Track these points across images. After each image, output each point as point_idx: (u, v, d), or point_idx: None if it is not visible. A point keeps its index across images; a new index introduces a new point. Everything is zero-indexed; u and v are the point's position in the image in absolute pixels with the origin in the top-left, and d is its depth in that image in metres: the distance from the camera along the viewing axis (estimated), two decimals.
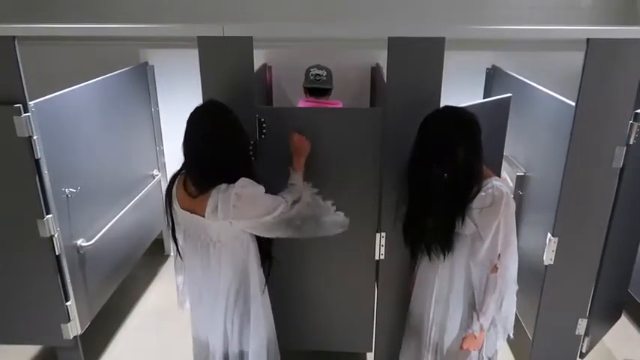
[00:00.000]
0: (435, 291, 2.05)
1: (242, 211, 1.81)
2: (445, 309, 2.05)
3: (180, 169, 1.94)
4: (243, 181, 1.81)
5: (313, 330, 2.59)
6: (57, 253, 2.41)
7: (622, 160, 2.16)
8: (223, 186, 1.80)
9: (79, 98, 2.63)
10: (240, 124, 1.87)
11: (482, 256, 1.89)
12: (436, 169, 1.83)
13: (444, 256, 1.95)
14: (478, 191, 1.85)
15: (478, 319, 1.95)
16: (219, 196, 1.79)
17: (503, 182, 1.88)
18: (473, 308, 1.98)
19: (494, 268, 1.89)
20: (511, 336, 2.12)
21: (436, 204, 1.89)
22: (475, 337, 1.99)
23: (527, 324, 2.66)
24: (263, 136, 2.21)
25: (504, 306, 1.99)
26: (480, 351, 2.07)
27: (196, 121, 1.83)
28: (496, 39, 3.23)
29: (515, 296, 2.05)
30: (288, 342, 2.60)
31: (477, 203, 1.84)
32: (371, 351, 2.60)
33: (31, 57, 2.43)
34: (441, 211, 1.89)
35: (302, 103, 3.17)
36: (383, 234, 2.31)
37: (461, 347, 2.04)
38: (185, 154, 1.86)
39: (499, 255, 1.88)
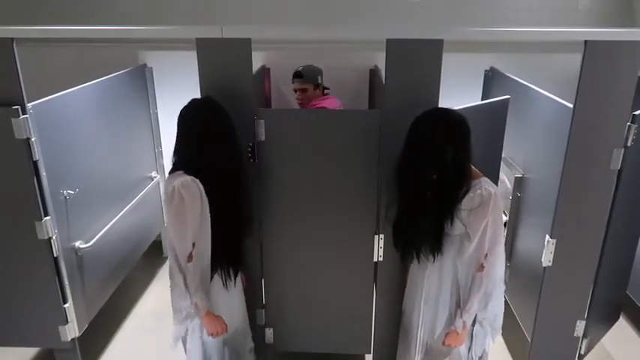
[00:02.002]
0: (424, 291, 2.08)
1: (165, 205, 1.91)
2: (434, 309, 2.07)
3: None
4: (191, 183, 1.84)
5: (312, 332, 2.58)
6: (55, 255, 2.41)
7: (620, 162, 2.17)
8: (178, 172, 1.88)
9: (78, 100, 2.63)
10: (224, 125, 1.93)
11: (470, 255, 1.93)
12: (425, 170, 1.85)
13: (434, 257, 1.97)
14: (467, 192, 1.86)
15: (461, 316, 1.99)
16: (170, 178, 1.90)
17: (490, 183, 1.89)
18: (458, 306, 2.01)
19: (481, 267, 1.92)
20: (498, 336, 2.15)
21: (425, 205, 1.91)
22: (457, 333, 2.01)
23: (525, 326, 2.66)
24: (262, 139, 2.21)
25: (492, 305, 2.02)
26: (469, 350, 2.08)
27: (184, 113, 1.93)
28: (494, 41, 3.23)
29: (503, 296, 2.08)
30: (286, 344, 2.60)
31: (465, 204, 1.86)
32: (369, 353, 2.59)
33: (30, 59, 2.43)
34: (431, 212, 1.91)
35: (331, 102, 3.19)
36: (381, 235, 2.31)
37: (443, 343, 2.06)
38: None
39: (486, 254, 1.90)
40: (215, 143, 1.91)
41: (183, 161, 1.92)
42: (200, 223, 1.90)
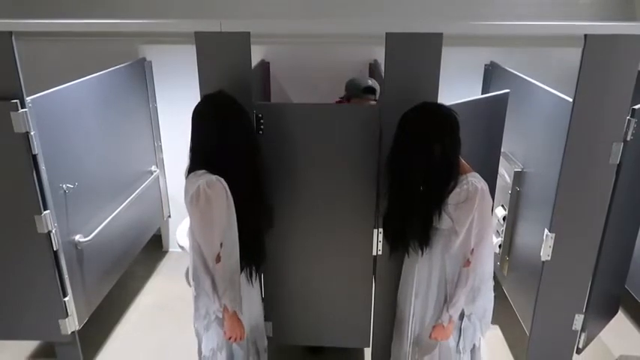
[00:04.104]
0: (415, 284, 2.09)
1: (190, 206, 1.82)
2: (424, 302, 2.09)
3: None
4: (216, 182, 1.79)
5: (311, 325, 2.59)
6: (55, 249, 2.41)
7: (619, 156, 2.17)
8: (201, 172, 1.83)
9: (77, 94, 2.63)
10: (244, 120, 1.89)
11: (456, 249, 1.94)
12: (414, 166, 1.85)
13: (422, 251, 1.99)
14: (455, 187, 1.86)
15: (447, 310, 2.00)
16: (191, 178, 1.84)
17: (478, 178, 1.89)
18: (446, 300, 2.03)
19: (467, 262, 1.93)
20: (488, 331, 2.16)
21: (414, 200, 1.91)
22: (443, 327, 2.03)
23: (524, 319, 2.67)
24: (260, 132, 2.21)
25: (480, 301, 2.03)
26: (457, 344, 2.09)
27: (200, 108, 1.88)
28: (494, 35, 3.22)
29: (492, 291, 2.09)
30: (285, 337, 2.61)
31: (452, 199, 1.87)
32: (368, 346, 2.60)
33: (29, 52, 2.43)
34: (419, 206, 1.92)
35: None
36: (380, 230, 2.31)
37: (430, 336, 2.08)
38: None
39: (472, 249, 1.91)
40: (236, 139, 1.86)
41: (203, 159, 1.86)
42: (227, 222, 1.85)
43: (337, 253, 2.42)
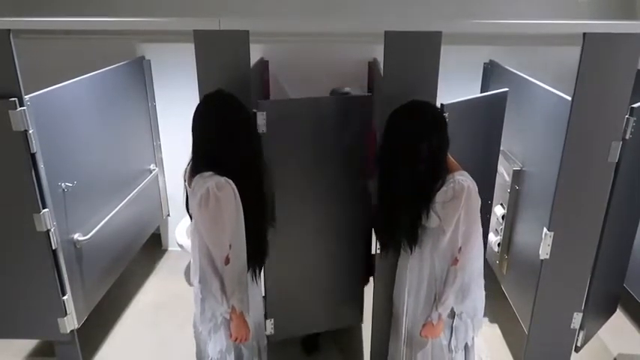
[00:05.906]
0: (408, 282, 2.10)
1: (199, 208, 1.79)
2: (416, 300, 2.10)
3: None
4: (225, 184, 1.78)
5: (309, 315, 2.64)
6: (53, 248, 2.41)
7: (618, 155, 2.17)
8: (208, 173, 1.80)
9: (76, 92, 2.62)
10: (245, 118, 1.88)
11: (444, 248, 1.94)
12: (402, 164, 1.85)
13: (411, 249, 1.99)
14: (442, 185, 1.87)
15: (437, 308, 2.01)
16: (198, 180, 1.81)
17: (465, 176, 1.89)
18: (436, 298, 2.03)
19: (455, 261, 1.93)
20: (480, 330, 2.17)
21: (402, 198, 1.92)
22: (433, 325, 2.04)
23: (522, 317, 2.67)
24: (263, 131, 2.20)
25: (471, 299, 2.03)
26: (449, 343, 2.10)
27: (201, 108, 1.86)
28: (493, 33, 3.22)
29: (483, 289, 2.09)
30: (285, 332, 2.62)
31: (439, 197, 1.87)
32: (362, 322, 2.72)
33: (27, 50, 2.42)
34: (407, 205, 1.92)
35: None
36: None
37: (420, 333, 2.09)
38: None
39: (460, 248, 1.91)
40: (240, 138, 1.85)
41: (205, 160, 1.83)
42: (236, 224, 1.84)
43: (336, 247, 2.44)
